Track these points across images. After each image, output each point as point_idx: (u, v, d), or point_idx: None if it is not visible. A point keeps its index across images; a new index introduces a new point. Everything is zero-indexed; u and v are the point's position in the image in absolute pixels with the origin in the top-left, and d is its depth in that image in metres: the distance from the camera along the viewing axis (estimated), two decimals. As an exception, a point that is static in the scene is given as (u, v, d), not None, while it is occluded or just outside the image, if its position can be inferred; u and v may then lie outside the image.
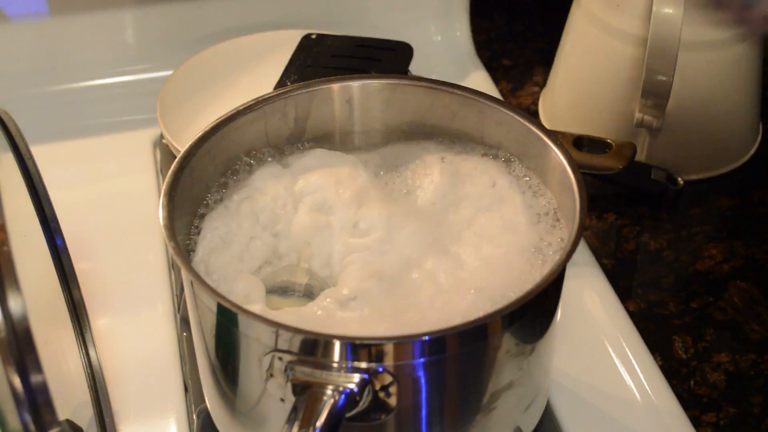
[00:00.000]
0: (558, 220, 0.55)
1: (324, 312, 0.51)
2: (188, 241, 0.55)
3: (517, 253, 0.53)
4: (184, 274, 0.49)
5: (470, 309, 0.50)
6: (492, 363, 0.48)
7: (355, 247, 0.54)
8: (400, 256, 0.54)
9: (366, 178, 0.58)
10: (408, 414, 0.48)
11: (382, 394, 0.46)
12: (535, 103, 0.94)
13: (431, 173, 0.59)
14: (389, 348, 0.44)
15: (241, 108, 0.58)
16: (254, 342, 0.46)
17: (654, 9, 0.74)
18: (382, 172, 0.60)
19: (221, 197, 0.58)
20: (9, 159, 0.51)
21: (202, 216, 0.57)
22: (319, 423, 0.43)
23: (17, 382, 0.38)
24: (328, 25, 0.91)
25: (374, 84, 0.61)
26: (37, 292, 0.45)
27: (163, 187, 0.52)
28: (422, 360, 0.45)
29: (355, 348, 0.44)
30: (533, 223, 0.55)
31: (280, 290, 0.55)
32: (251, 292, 0.52)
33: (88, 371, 0.55)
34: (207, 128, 0.56)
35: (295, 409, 0.44)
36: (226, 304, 0.46)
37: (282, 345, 0.45)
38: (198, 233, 0.56)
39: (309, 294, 0.55)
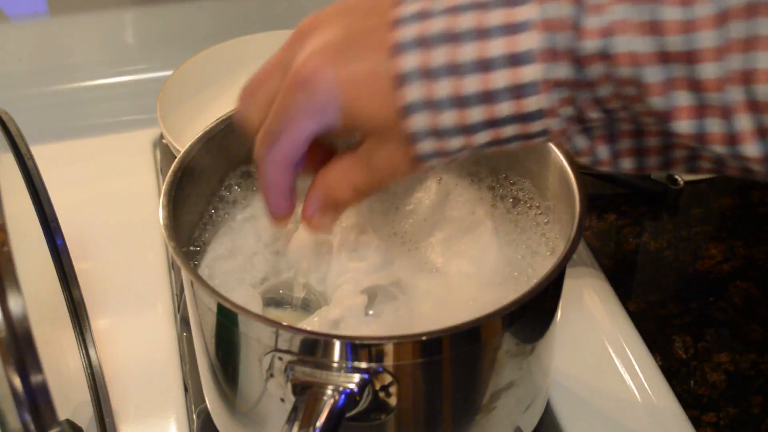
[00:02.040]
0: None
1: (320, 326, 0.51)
2: (189, 244, 0.55)
3: (496, 272, 0.55)
4: (184, 274, 0.49)
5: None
6: (492, 363, 0.48)
7: (351, 269, 0.54)
8: (394, 278, 0.54)
9: (367, 203, 0.59)
10: (408, 414, 0.48)
11: (382, 394, 0.46)
12: (535, 103, 0.94)
13: (427, 193, 0.60)
14: (389, 348, 0.44)
15: (241, 108, 0.58)
16: (254, 342, 0.46)
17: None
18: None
19: (225, 211, 0.58)
20: (9, 159, 0.51)
21: (203, 216, 0.57)
22: (319, 423, 0.43)
23: (17, 382, 0.38)
24: (328, 25, 0.91)
25: (374, 84, 0.60)
26: (37, 292, 0.45)
27: (163, 187, 0.52)
28: (422, 360, 0.45)
29: (355, 348, 0.44)
30: (513, 245, 0.57)
31: (276, 302, 0.55)
32: (248, 304, 0.53)
33: (88, 371, 0.55)
34: (207, 128, 0.56)
35: (295, 409, 0.44)
36: (226, 304, 0.46)
37: (282, 345, 0.45)
38: (200, 236, 0.56)
39: (305, 307, 0.55)
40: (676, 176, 0.80)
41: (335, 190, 0.44)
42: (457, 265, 0.56)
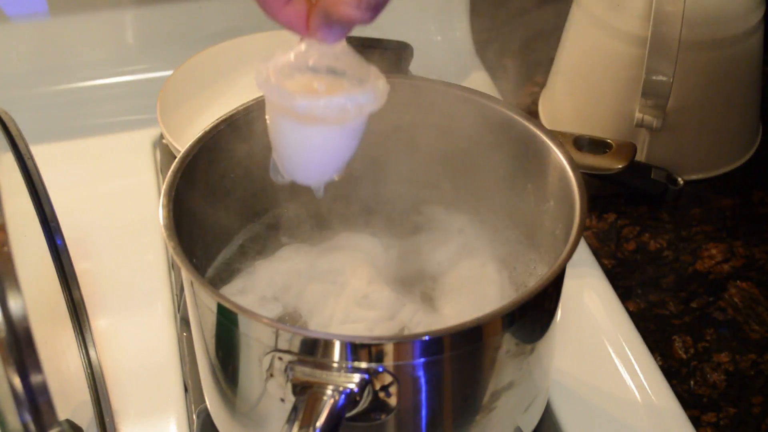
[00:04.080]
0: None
1: None
2: (190, 244, 0.56)
3: None
4: (184, 274, 0.49)
5: None
6: (492, 363, 0.48)
7: (359, 318, 0.55)
8: (399, 322, 0.55)
9: (384, 265, 0.59)
10: (408, 414, 0.48)
11: (382, 394, 0.46)
12: (535, 103, 0.94)
13: (447, 245, 0.60)
14: (389, 348, 0.44)
15: (241, 108, 0.58)
16: (254, 342, 0.46)
17: (654, 8, 0.74)
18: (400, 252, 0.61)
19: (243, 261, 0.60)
20: (9, 159, 0.51)
21: (205, 216, 0.57)
22: (319, 423, 0.43)
23: (17, 382, 0.38)
24: (328, 25, 0.91)
25: (374, 84, 0.61)
26: (37, 292, 0.45)
27: (163, 187, 0.52)
28: (422, 360, 0.45)
29: (355, 348, 0.44)
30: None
31: None
32: None
33: (88, 371, 0.55)
34: (207, 128, 0.56)
35: (295, 409, 0.44)
36: (226, 304, 0.46)
37: (282, 345, 0.45)
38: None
39: None
40: (676, 176, 0.80)
41: (348, 10, 0.42)
42: (457, 311, 0.56)
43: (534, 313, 0.49)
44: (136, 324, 0.68)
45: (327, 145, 0.50)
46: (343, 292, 0.56)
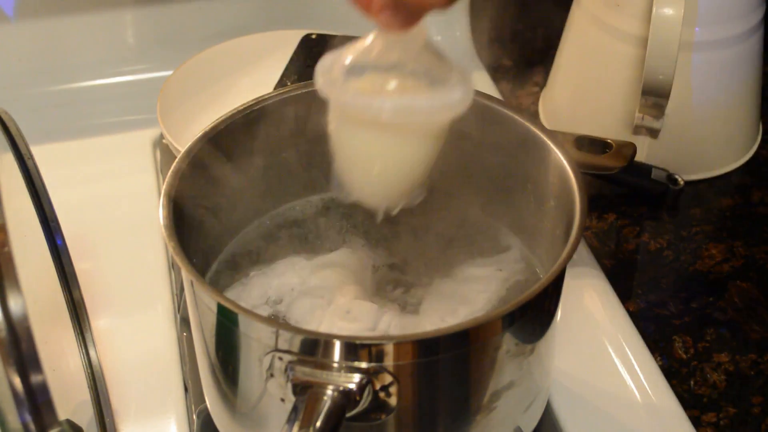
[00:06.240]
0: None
1: None
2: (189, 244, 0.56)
3: None
4: (184, 274, 0.49)
5: None
6: (492, 363, 0.48)
7: (342, 329, 0.55)
8: (379, 332, 0.55)
9: (371, 284, 0.59)
10: (408, 414, 0.48)
11: (382, 394, 0.46)
12: (535, 103, 0.94)
13: (452, 269, 0.60)
14: (389, 348, 0.44)
15: (241, 108, 0.58)
16: (254, 342, 0.46)
17: (654, 9, 0.74)
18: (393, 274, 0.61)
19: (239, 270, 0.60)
20: (9, 159, 0.51)
21: (205, 216, 0.57)
22: (319, 423, 0.43)
23: (17, 382, 0.38)
24: (328, 25, 0.91)
25: (374, 84, 0.60)
26: (37, 292, 0.45)
27: (163, 187, 0.52)
28: (422, 360, 0.45)
29: (356, 348, 0.44)
30: None
31: None
32: None
33: (88, 371, 0.55)
34: (207, 128, 0.56)
35: (295, 409, 0.44)
36: (226, 304, 0.46)
37: (282, 345, 0.45)
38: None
39: None
40: (676, 176, 0.80)
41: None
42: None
43: (534, 313, 0.49)
44: (136, 324, 0.68)
45: (389, 155, 0.45)
46: (328, 307, 0.56)
